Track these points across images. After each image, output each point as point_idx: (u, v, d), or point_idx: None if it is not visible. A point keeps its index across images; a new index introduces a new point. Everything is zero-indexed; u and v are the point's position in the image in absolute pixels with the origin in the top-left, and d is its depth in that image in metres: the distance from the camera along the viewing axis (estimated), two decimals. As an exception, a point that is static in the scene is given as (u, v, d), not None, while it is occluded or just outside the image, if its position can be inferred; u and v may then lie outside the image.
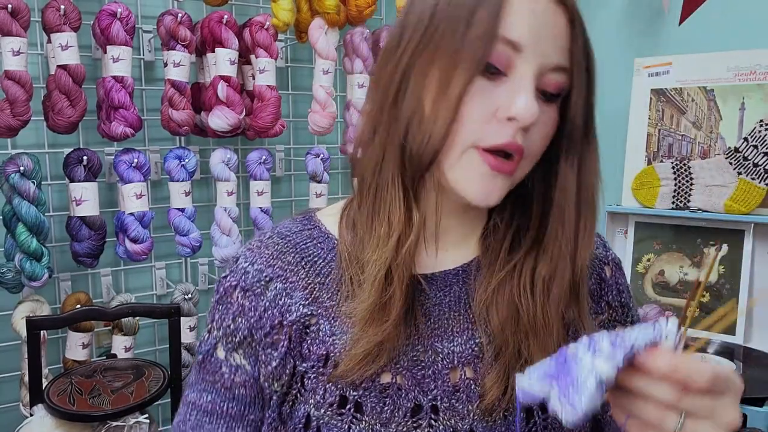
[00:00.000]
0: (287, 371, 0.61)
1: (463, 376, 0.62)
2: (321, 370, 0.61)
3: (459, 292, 0.64)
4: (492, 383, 0.60)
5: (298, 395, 0.61)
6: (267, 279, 0.63)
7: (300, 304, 0.62)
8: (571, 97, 0.59)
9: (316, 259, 0.65)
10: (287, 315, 0.62)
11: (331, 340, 0.61)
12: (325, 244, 0.66)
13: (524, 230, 0.64)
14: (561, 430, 0.62)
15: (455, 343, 0.63)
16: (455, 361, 0.62)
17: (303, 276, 0.64)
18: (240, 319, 0.63)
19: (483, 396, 0.60)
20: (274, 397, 0.62)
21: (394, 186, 0.60)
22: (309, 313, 0.62)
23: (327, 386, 0.59)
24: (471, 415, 0.61)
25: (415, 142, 0.57)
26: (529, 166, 0.60)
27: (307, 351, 0.62)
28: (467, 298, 0.64)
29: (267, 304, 0.63)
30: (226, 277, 0.66)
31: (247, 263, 0.65)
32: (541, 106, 0.57)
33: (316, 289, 0.63)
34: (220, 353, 0.64)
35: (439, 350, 0.62)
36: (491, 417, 0.60)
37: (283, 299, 0.63)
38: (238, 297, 0.64)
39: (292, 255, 0.65)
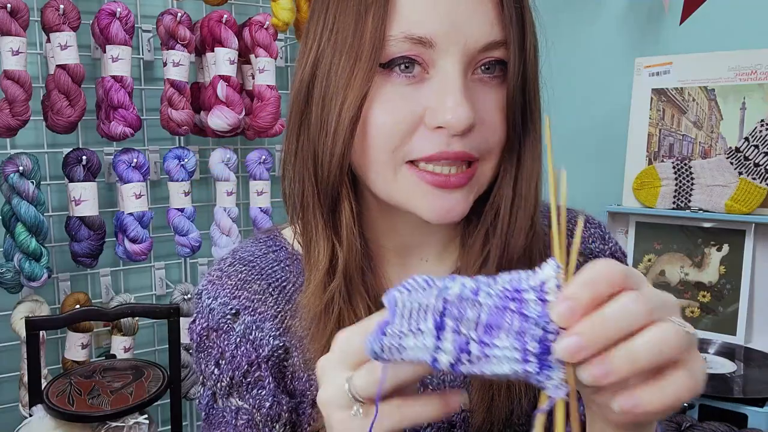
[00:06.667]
0: (284, 409, 0.56)
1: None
2: (309, 411, 0.56)
3: None
4: (475, 405, 0.53)
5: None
6: (233, 312, 0.58)
7: (271, 336, 0.57)
8: (507, 73, 0.50)
9: (285, 284, 0.59)
10: (260, 350, 0.56)
11: (306, 376, 0.56)
12: (293, 266, 0.60)
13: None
14: None
15: (444, 372, 0.54)
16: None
17: (272, 304, 0.58)
18: (222, 363, 0.58)
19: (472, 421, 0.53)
20: None
21: (314, 214, 0.54)
22: (281, 345, 0.57)
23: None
24: None
25: (325, 152, 0.51)
26: (495, 161, 0.52)
27: (291, 387, 0.57)
28: None
29: (238, 340, 0.57)
30: (194, 321, 0.60)
31: (210, 299, 0.59)
32: (484, 88, 0.50)
33: (287, 317, 0.58)
34: (219, 402, 0.59)
35: (428, 382, 0.56)
36: None
37: (253, 333, 0.57)
38: (213, 339, 0.58)
39: (258, 282, 0.59)
